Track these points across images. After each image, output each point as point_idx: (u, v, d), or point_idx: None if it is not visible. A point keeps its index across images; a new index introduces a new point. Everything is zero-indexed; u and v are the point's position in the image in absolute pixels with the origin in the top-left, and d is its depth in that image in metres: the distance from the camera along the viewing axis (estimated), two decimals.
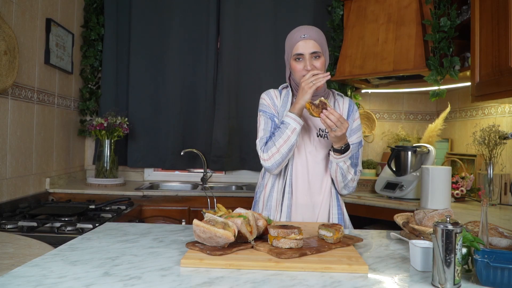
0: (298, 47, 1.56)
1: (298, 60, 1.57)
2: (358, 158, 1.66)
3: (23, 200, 2.39)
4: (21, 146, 2.41)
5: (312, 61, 1.56)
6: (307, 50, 1.55)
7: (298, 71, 1.58)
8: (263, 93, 1.70)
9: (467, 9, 2.44)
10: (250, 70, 3.28)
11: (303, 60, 1.56)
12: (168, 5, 3.27)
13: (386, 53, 2.62)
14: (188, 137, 3.31)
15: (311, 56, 1.55)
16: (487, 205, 1.06)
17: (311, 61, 1.56)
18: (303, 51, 1.55)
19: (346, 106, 1.69)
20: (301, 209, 1.61)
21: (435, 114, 3.35)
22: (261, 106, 1.67)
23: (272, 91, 1.70)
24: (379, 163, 3.12)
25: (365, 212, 2.50)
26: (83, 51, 3.24)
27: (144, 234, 1.36)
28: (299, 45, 1.56)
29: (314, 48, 1.55)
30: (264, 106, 1.66)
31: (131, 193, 2.76)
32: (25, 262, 1.05)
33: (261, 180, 1.73)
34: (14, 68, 2.22)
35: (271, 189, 1.65)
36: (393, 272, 1.04)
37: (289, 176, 1.61)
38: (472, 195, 2.49)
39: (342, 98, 1.71)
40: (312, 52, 1.55)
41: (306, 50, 1.55)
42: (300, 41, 1.55)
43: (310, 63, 1.55)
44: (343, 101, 1.69)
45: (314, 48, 1.55)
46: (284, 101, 1.66)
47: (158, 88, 3.30)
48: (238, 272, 1.01)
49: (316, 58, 1.57)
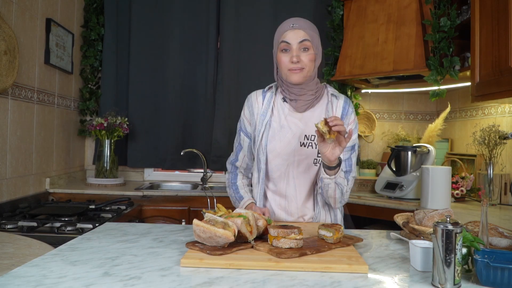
0: (285, 35, 1.42)
1: (284, 51, 1.43)
2: (351, 165, 1.52)
3: (23, 200, 2.39)
4: (21, 146, 2.41)
5: (299, 53, 1.41)
6: (295, 39, 1.41)
7: (283, 64, 1.44)
8: (247, 99, 1.62)
9: (467, 9, 2.44)
10: (250, 70, 3.28)
11: (289, 51, 1.42)
12: (168, 5, 3.28)
13: (386, 53, 2.62)
14: (188, 137, 3.31)
15: (299, 47, 1.41)
16: (487, 205, 1.06)
17: (298, 52, 1.41)
18: (290, 40, 1.41)
19: (340, 109, 1.52)
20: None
21: (435, 114, 3.35)
22: (240, 119, 1.63)
23: (255, 96, 1.59)
24: (379, 163, 3.12)
25: (365, 212, 2.50)
26: (83, 51, 3.24)
27: (144, 234, 1.36)
28: (286, 33, 1.42)
29: (303, 36, 1.41)
30: (241, 121, 1.62)
31: (131, 193, 2.76)
32: (25, 262, 1.05)
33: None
34: (14, 68, 2.22)
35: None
36: (393, 272, 1.04)
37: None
38: (472, 195, 2.49)
39: (337, 99, 1.54)
40: (300, 41, 1.41)
41: (294, 39, 1.41)
42: (288, 30, 1.42)
43: (297, 55, 1.41)
44: (337, 103, 1.53)
45: (303, 37, 1.41)
46: (266, 107, 1.54)
47: (158, 88, 3.30)
48: (238, 272, 1.00)
49: (304, 50, 1.42)
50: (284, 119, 1.53)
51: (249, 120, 1.59)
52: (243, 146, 1.63)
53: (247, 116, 1.60)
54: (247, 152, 1.62)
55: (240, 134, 1.63)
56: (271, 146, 1.51)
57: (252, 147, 1.60)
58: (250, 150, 1.62)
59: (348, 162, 1.51)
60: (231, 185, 1.65)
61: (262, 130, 1.52)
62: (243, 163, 1.65)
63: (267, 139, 1.52)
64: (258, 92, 1.61)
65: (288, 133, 1.51)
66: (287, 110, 1.53)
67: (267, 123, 1.52)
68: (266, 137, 1.52)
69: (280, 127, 1.52)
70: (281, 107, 1.54)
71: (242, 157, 1.64)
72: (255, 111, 1.57)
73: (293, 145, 1.50)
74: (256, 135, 1.54)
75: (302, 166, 1.51)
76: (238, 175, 1.67)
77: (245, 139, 1.61)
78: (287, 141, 1.50)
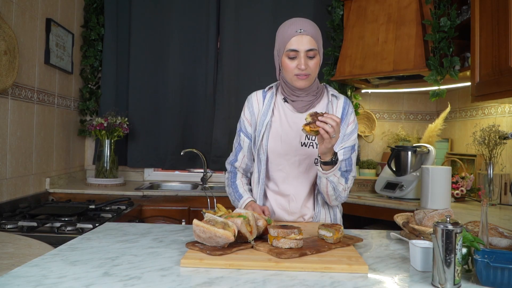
0: (292, 43, 1.41)
1: (291, 58, 1.43)
2: (351, 164, 1.51)
3: (23, 200, 2.39)
4: (21, 146, 2.41)
5: (306, 61, 1.42)
6: (303, 47, 1.40)
7: (290, 70, 1.44)
8: (247, 99, 1.62)
9: (467, 9, 2.44)
10: (250, 70, 3.28)
11: (297, 58, 1.42)
12: (168, 5, 3.28)
13: (386, 53, 2.62)
14: (188, 137, 3.32)
15: (306, 54, 1.41)
16: (487, 205, 1.06)
17: (305, 60, 1.42)
18: (298, 48, 1.41)
19: (340, 109, 1.53)
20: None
21: (435, 114, 3.35)
22: (240, 120, 1.63)
23: (255, 97, 1.60)
24: (379, 163, 3.12)
25: (365, 212, 2.50)
26: (83, 51, 3.24)
27: (144, 234, 1.36)
28: (293, 40, 1.41)
29: (310, 45, 1.41)
30: (241, 122, 1.62)
31: (131, 193, 2.76)
32: (25, 262, 1.05)
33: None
34: (14, 68, 2.22)
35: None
36: (393, 272, 1.04)
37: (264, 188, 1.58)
38: (472, 195, 2.49)
39: (337, 99, 1.55)
40: (308, 49, 1.41)
41: (302, 46, 1.40)
42: (295, 36, 1.41)
43: (305, 63, 1.41)
44: (337, 103, 1.54)
45: (311, 45, 1.41)
46: (267, 107, 1.55)
47: (158, 88, 3.30)
48: (238, 272, 1.00)
49: (311, 58, 1.43)
50: (285, 119, 1.53)
51: (249, 121, 1.59)
52: (242, 147, 1.62)
53: (247, 117, 1.60)
54: (247, 152, 1.62)
55: (240, 135, 1.63)
56: (271, 146, 1.52)
57: (252, 147, 1.60)
58: (249, 151, 1.62)
59: (348, 161, 1.50)
60: (230, 184, 1.65)
61: (262, 130, 1.52)
62: (242, 164, 1.65)
63: (268, 139, 1.52)
64: (259, 92, 1.61)
65: (289, 133, 1.51)
66: (288, 110, 1.54)
67: (268, 123, 1.53)
68: (266, 138, 1.52)
69: (281, 127, 1.53)
70: (282, 107, 1.55)
71: (241, 157, 1.64)
72: (256, 111, 1.57)
73: (294, 145, 1.51)
74: (257, 135, 1.54)
75: (302, 166, 1.52)
76: (237, 174, 1.67)
77: (245, 139, 1.61)
78: (288, 141, 1.51)
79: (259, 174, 1.55)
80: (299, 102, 1.51)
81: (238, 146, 1.64)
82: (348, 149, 1.51)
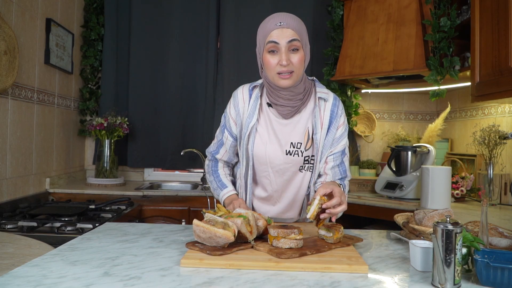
0: (273, 35, 1.31)
1: (272, 52, 1.33)
2: (345, 170, 1.47)
3: (23, 200, 2.39)
4: (21, 146, 2.41)
5: (288, 55, 1.31)
6: (284, 39, 1.30)
7: (271, 66, 1.33)
8: (233, 95, 1.53)
9: (467, 9, 2.44)
10: (250, 70, 3.27)
11: (278, 52, 1.32)
12: (168, 5, 3.28)
13: (386, 53, 2.62)
14: (188, 137, 3.32)
15: (288, 47, 1.30)
16: (487, 205, 1.06)
17: (287, 54, 1.30)
18: (278, 40, 1.30)
19: (328, 112, 1.43)
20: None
21: (435, 114, 3.35)
22: (225, 114, 1.54)
23: (241, 94, 1.50)
24: (379, 163, 3.12)
25: (365, 212, 2.50)
26: (83, 51, 3.24)
27: (144, 234, 1.36)
28: (273, 33, 1.31)
29: (292, 36, 1.30)
30: (226, 118, 1.53)
31: (131, 193, 2.76)
32: (25, 262, 1.05)
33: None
34: (14, 68, 2.22)
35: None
36: (393, 272, 1.04)
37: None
38: (472, 195, 2.49)
39: (325, 101, 1.44)
40: (289, 40, 1.30)
41: (283, 39, 1.30)
42: (276, 29, 1.31)
43: (287, 57, 1.30)
44: (325, 107, 1.43)
45: (292, 36, 1.30)
46: (252, 108, 1.45)
47: (158, 88, 3.30)
48: (238, 272, 1.00)
49: (294, 51, 1.31)
50: (270, 124, 1.45)
51: (234, 119, 1.50)
52: (225, 143, 1.56)
53: (232, 116, 1.51)
54: (229, 149, 1.56)
55: (224, 131, 1.55)
56: (256, 152, 1.45)
57: (237, 146, 1.54)
58: (232, 148, 1.56)
59: (341, 167, 1.47)
60: (211, 172, 1.59)
61: (247, 133, 1.45)
62: (223, 157, 1.59)
63: (253, 144, 1.45)
64: (245, 88, 1.51)
65: (274, 142, 1.44)
66: (272, 115, 1.45)
67: (254, 126, 1.45)
68: (252, 142, 1.45)
69: (266, 133, 1.45)
70: (267, 113, 1.47)
71: (223, 152, 1.58)
72: (241, 111, 1.48)
73: (278, 153, 1.44)
74: (242, 136, 1.47)
75: (287, 174, 1.46)
76: (219, 163, 1.60)
77: (229, 137, 1.53)
78: (272, 150, 1.44)
79: (246, 179, 1.49)
80: (284, 108, 1.42)
81: (221, 141, 1.57)
82: (338, 154, 1.46)
